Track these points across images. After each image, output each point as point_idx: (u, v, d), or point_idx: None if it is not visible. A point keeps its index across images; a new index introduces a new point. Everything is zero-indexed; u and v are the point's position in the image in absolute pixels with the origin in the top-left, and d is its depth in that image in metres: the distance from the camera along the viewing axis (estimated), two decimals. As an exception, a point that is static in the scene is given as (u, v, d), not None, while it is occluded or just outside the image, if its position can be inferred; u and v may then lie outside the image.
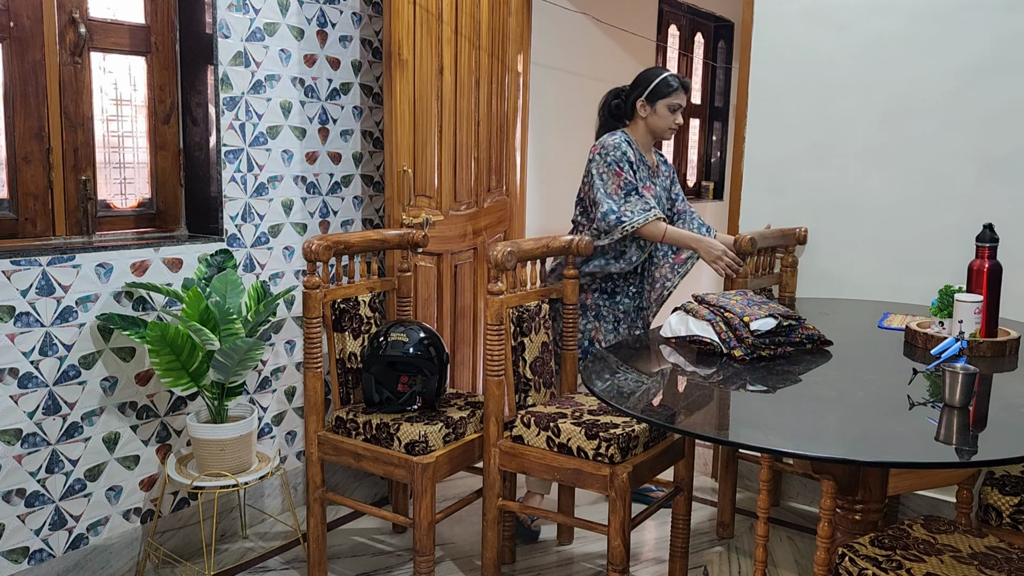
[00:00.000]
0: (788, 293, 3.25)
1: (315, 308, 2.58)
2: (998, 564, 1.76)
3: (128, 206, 2.83)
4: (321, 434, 2.66)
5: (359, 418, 2.61)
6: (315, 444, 2.65)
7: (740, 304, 2.36)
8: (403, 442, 2.50)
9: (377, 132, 3.41)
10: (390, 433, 2.53)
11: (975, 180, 2.95)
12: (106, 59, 2.69)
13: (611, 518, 2.33)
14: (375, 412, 2.63)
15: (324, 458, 2.66)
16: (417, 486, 2.47)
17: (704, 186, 6.52)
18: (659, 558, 2.91)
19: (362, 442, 2.59)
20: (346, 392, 2.75)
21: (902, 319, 2.69)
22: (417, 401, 2.65)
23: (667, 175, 3.13)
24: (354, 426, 2.61)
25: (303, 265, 3.10)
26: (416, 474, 2.46)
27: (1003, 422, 1.84)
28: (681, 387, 2.17)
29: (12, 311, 2.37)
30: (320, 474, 2.67)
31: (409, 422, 2.54)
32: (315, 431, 2.65)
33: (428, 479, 2.46)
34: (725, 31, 6.45)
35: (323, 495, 2.67)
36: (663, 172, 3.11)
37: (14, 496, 2.43)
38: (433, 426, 2.54)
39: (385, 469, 2.54)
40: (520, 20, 3.85)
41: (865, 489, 1.98)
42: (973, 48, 2.92)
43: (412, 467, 2.47)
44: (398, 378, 2.66)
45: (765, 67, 3.32)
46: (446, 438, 2.56)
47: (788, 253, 3.24)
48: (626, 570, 2.36)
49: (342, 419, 2.64)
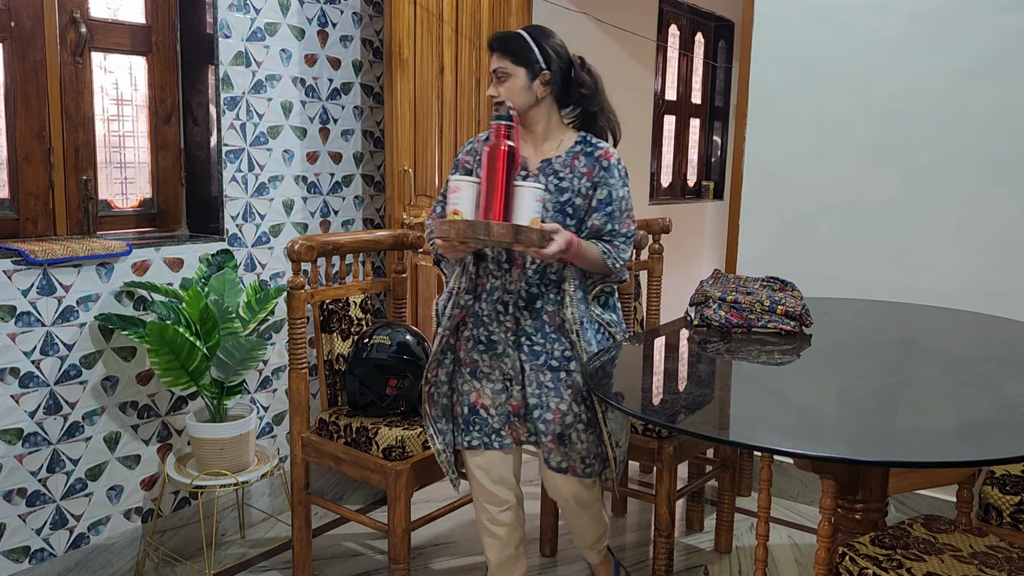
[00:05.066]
0: (655, 278, 3.24)
1: (299, 308, 2.54)
2: (998, 563, 1.76)
3: (129, 206, 2.83)
4: (305, 436, 2.62)
5: (341, 421, 2.56)
6: (299, 446, 2.62)
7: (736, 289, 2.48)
8: (380, 446, 2.45)
9: (378, 132, 3.41)
10: (368, 437, 2.48)
11: (975, 180, 2.95)
12: (107, 59, 2.70)
13: (658, 488, 2.58)
14: (358, 415, 2.59)
15: (308, 460, 2.63)
16: (391, 492, 2.42)
17: (704, 186, 6.52)
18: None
19: (343, 445, 2.54)
20: (333, 394, 2.72)
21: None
22: (401, 405, 2.60)
23: (577, 176, 2.20)
24: (336, 428, 2.56)
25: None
26: (390, 480, 2.41)
27: (1003, 422, 1.84)
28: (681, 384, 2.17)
29: (13, 311, 2.37)
30: (304, 476, 2.63)
31: (389, 426, 2.49)
32: (299, 432, 2.62)
33: (403, 485, 2.41)
34: (725, 31, 6.45)
35: (306, 498, 2.64)
36: (568, 171, 2.21)
37: (15, 496, 2.43)
38: (412, 431, 2.49)
39: (362, 473, 2.49)
40: (521, 20, 3.85)
41: (866, 488, 1.98)
42: (974, 48, 2.92)
43: (387, 472, 2.42)
44: (386, 381, 2.59)
45: (765, 67, 3.32)
46: (425, 444, 2.51)
47: (655, 241, 3.23)
48: (671, 535, 2.60)
49: (325, 421, 2.60)
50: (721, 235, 5.77)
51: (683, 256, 5.91)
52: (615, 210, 2.20)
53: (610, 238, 2.21)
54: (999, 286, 2.92)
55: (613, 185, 2.20)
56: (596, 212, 2.20)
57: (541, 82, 2.19)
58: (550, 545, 2.92)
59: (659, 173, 5.93)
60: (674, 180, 6.18)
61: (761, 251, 3.38)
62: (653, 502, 2.63)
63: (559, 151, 2.25)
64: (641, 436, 2.61)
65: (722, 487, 2.93)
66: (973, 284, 2.96)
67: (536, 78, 2.19)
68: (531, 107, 2.22)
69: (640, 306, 3.25)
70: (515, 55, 2.18)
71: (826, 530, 2.02)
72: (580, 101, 2.27)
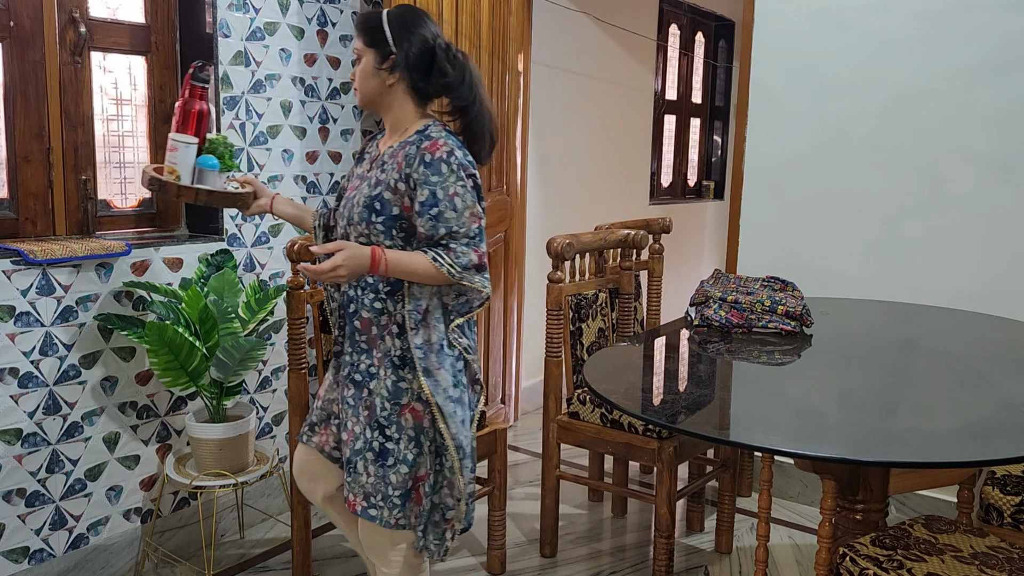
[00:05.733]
0: (656, 278, 3.28)
1: (299, 308, 2.52)
2: (999, 564, 1.76)
3: (128, 206, 2.83)
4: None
5: None
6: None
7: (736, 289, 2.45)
8: None
9: (377, 132, 3.41)
10: None
11: (977, 180, 2.95)
12: (106, 58, 2.69)
13: (658, 488, 2.57)
14: None
15: None
16: None
17: (704, 186, 6.52)
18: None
19: None
20: None
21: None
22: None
23: (393, 168, 1.94)
24: None
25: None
26: None
27: (1003, 422, 1.83)
28: (681, 384, 2.16)
29: (12, 311, 2.36)
30: None
31: None
32: (296, 433, 2.62)
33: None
34: (726, 30, 6.45)
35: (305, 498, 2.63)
36: (391, 163, 1.96)
37: (14, 496, 2.43)
38: None
39: None
40: (520, 19, 3.85)
41: (866, 489, 1.98)
42: (975, 48, 2.91)
43: None
44: None
45: (766, 66, 3.31)
46: None
47: (655, 241, 3.28)
48: (671, 536, 2.59)
49: None
50: (721, 235, 5.76)
51: (683, 256, 5.91)
52: (443, 210, 1.87)
53: (447, 242, 1.88)
54: (999, 286, 2.92)
55: (436, 183, 1.86)
56: (420, 217, 1.88)
57: (388, 67, 1.94)
58: (550, 546, 2.91)
59: (659, 173, 5.92)
60: (674, 180, 6.18)
61: (762, 251, 3.37)
62: (653, 502, 2.63)
63: (396, 142, 1.99)
64: (641, 436, 2.61)
65: (722, 487, 2.92)
66: (973, 284, 2.96)
67: (385, 61, 1.94)
68: (381, 94, 1.97)
69: (640, 306, 3.26)
70: (366, 34, 1.95)
71: (827, 530, 2.01)
72: (441, 92, 1.99)
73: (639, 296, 3.20)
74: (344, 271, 1.82)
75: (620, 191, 5.14)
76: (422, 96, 1.99)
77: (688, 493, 2.80)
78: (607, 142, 4.94)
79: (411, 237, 1.93)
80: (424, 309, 1.92)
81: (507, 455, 2.91)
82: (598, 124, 4.82)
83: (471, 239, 1.90)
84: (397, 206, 1.91)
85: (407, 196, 1.90)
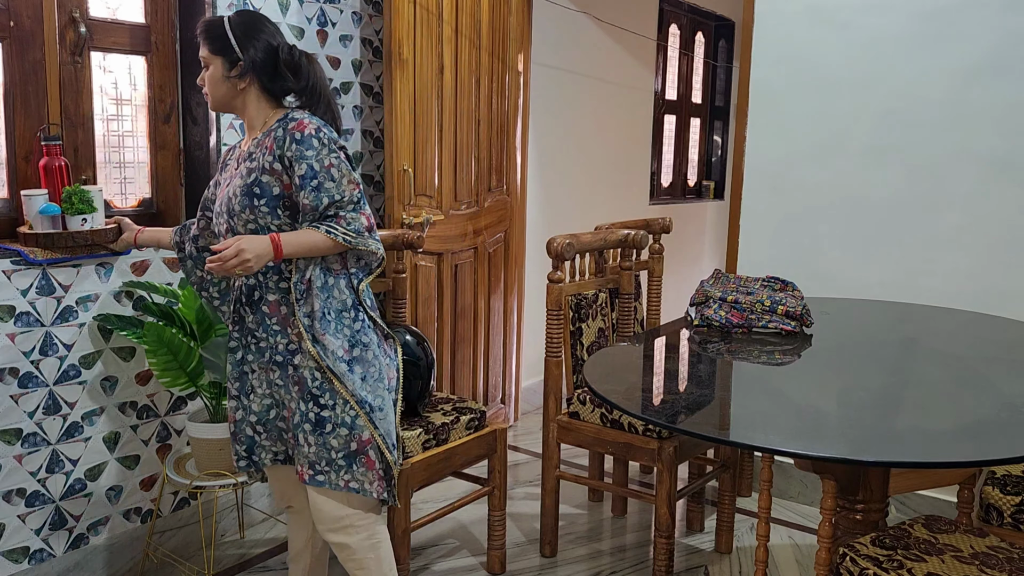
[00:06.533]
0: (656, 278, 3.28)
1: None
2: (999, 564, 1.76)
3: (128, 205, 2.83)
4: None
5: None
6: None
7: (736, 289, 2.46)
8: None
9: (377, 131, 3.41)
10: None
11: (976, 180, 2.95)
12: (106, 58, 2.69)
13: (658, 488, 2.58)
14: None
15: None
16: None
17: (705, 186, 6.52)
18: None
19: None
20: None
21: None
22: (400, 405, 2.59)
23: (264, 153, 2.00)
24: None
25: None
26: None
27: (1003, 422, 1.83)
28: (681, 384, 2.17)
29: (12, 311, 2.37)
30: None
31: None
32: None
33: (402, 486, 2.39)
34: (726, 30, 6.45)
35: None
36: (259, 152, 2.03)
37: (14, 496, 2.43)
38: (412, 431, 2.49)
39: None
40: (520, 19, 3.85)
41: (866, 489, 1.98)
42: (975, 47, 2.92)
43: None
44: None
45: (766, 66, 3.31)
46: (425, 444, 2.51)
47: (655, 241, 3.29)
48: (671, 536, 2.59)
49: None
50: (721, 235, 5.77)
51: (683, 256, 5.91)
52: (322, 181, 1.94)
53: (335, 211, 1.96)
54: (999, 286, 2.92)
55: (310, 157, 1.93)
56: (302, 191, 1.95)
57: (237, 73, 2.01)
58: (550, 546, 2.91)
59: (659, 173, 5.92)
60: (674, 180, 6.18)
61: (762, 251, 3.37)
62: (653, 502, 2.63)
63: (259, 134, 2.06)
64: (641, 436, 2.61)
65: (722, 487, 2.92)
66: (973, 284, 2.96)
67: (233, 68, 2.01)
68: (233, 97, 2.05)
69: (640, 306, 3.26)
70: (212, 42, 2.01)
71: (827, 530, 2.01)
72: (290, 92, 2.08)
73: (639, 296, 3.20)
74: (249, 254, 1.89)
75: (620, 191, 5.14)
76: (273, 95, 2.07)
77: (688, 493, 2.80)
78: (607, 142, 4.94)
79: (296, 214, 2.00)
80: (308, 280, 1.99)
81: (507, 455, 2.91)
82: (598, 124, 4.82)
83: (355, 204, 1.99)
84: (277, 186, 1.98)
85: (285, 174, 1.97)
